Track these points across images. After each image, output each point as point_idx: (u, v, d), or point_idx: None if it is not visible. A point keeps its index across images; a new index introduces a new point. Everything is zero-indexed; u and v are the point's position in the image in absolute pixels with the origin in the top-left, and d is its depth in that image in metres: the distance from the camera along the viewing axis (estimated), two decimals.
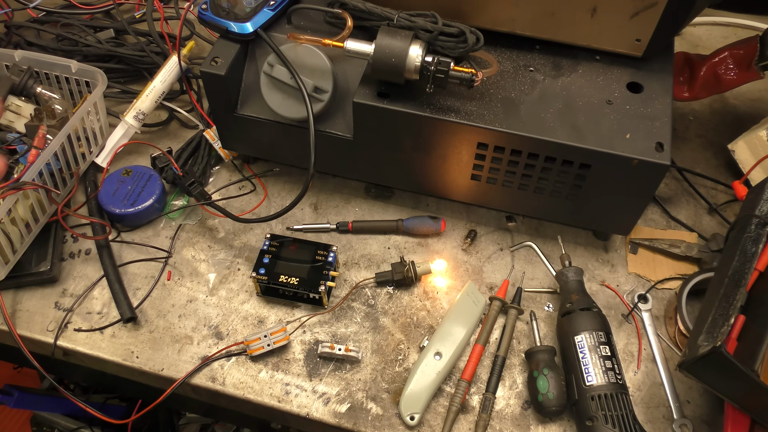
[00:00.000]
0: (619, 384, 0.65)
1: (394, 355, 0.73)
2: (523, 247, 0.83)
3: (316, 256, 0.77)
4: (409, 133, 0.73)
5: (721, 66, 0.83)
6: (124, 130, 0.88)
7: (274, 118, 0.76)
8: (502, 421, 0.69)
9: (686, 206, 0.87)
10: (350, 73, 0.74)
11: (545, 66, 0.74)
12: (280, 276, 0.75)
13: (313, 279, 0.75)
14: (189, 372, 0.71)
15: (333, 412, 0.69)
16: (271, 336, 0.72)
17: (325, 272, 0.75)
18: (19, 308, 0.77)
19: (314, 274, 0.75)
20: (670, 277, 0.79)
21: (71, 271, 0.80)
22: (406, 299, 0.78)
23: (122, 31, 1.04)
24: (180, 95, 0.99)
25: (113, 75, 1.00)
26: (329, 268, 0.76)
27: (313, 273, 0.75)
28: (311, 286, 0.74)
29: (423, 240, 0.83)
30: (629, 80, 0.72)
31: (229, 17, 0.73)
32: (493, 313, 0.75)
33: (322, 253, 0.77)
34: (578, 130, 0.68)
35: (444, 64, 0.65)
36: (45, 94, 0.87)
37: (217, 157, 0.91)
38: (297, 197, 0.73)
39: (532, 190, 0.74)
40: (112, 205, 0.82)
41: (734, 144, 0.86)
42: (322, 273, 0.75)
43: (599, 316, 0.70)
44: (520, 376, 0.72)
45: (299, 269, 0.75)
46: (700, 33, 1.12)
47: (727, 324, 0.58)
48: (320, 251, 0.77)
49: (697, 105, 0.99)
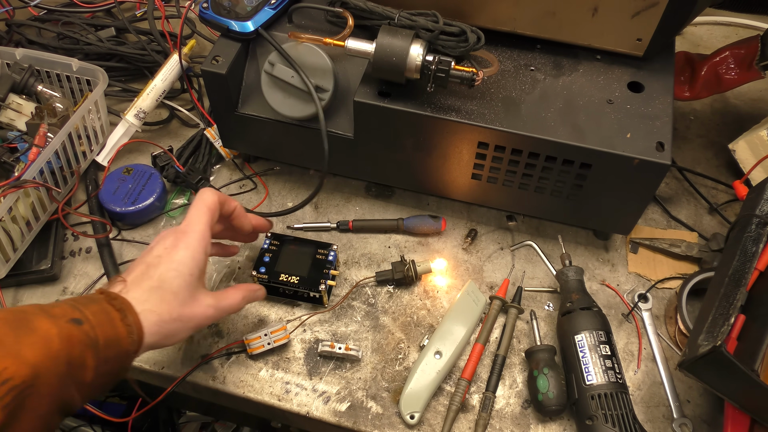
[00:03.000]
0: (619, 383, 0.65)
1: (394, 354, 0.73)
2: (524, 247, 0.83)
3: (317, 255, 0.77)
4: (410, 132, 0.73)
5: (722, 65, 0.83)
6: (125, 129, 0.88)
7: (274, 116, 0.76)
8: (502, 420, 0.69)
9: (687, 206, 0.87)
10: (351, 72, 0.74)
11: (546, 65, 0.74)
12: (280, 275, 0.74)
13: (314, 278, 0.74)
14: (189, 370, 0.71)
15: (333, 410, 0.69)
16: (272, 334, 0.72)
17: (326, 271, 0.75)
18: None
19: (314, 272, 0.75)
20: (670, 277, 0.80)
21: (72, 269, 0.80)
22: (407, 298, 0.78)
23: (123, 30, 1.04)
24: (181, 94, 0.99)
25: (114, 73, 1.00)
26: (329, 267, 0.76)
27: (314, 272, 0.75)
28: (311, 285, 0.74)
29: (423, 239, 0.83)
30: (630, 80, 0.72)
31: (230, 16, 0.73)
32: (494, 312, 0.75)
33: (322, 252, 0.77)
34: (579, 130, 0.68)
35: (445, 63, 0.65)
36: (46, 93, 0.87)
37: (218, 156, 0.91)
38: (311, 195, 0.73)
39: (532, 189, 0.74)
40: (112, 203, 0.82)
41: (735, 144, 0.86)
42: (323, 272, 0.75)
43: (599, 315, 0.70)
44: (520, 375, 0.72)
45: (300, 268, 0.75)
46: (701, 32, 1.12)
47: (727, 323, 0.58)
48: (321, 250, 0.77)
49: (698, 105, 0.99)
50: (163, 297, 0.58)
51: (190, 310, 0.60)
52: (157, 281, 0.58)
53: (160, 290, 0.58)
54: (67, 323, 0.51)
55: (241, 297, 0.66)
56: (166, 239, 0.62)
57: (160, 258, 0.60)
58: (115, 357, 0.53)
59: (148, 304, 0.57)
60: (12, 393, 0.45)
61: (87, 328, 0.52)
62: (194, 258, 0.61)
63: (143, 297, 0.57)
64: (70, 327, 0.51)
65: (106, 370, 0.53)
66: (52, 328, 0.49)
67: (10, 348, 0.47)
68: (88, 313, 0.53)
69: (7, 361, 0.45)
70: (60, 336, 0.49)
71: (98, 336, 0.52)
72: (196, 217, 0.63)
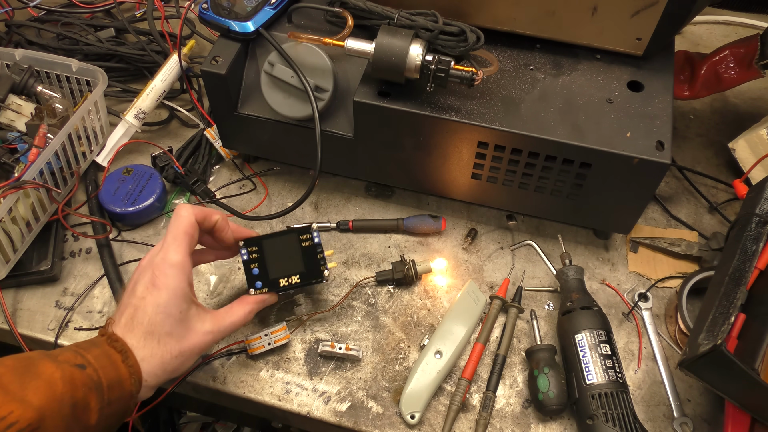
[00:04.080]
0: (620, 382, 0.65)
1: (394, 353, 0.73)
2: (524, 246, 0.83)
3: (302, 243, 0.71)
4: (410, 132, 0.73)
5: (721, 65, 0.83)
6: (125, 129, 0.88)
7: (274, 117, 0.76)
8: (502, 420, 0.69)
9: (687, 205, 0.87)
10: (351, 72, 0.74)
11: (546, 65, 0.74)
12: (279, 281, 0.69)
13: (312, 267, 0.71)
14: (189, 370, 0.71)
15: (333, 410, 0.69)
16: (272, 335, 0.72)
17: (319, 255, 0.71)
18: (19, 307, 0.77)
19: (309, 262, 0.71)
20: (670, 276, 0.80)
21: (72, 270, 0.80)
22: (407, 298, 0.78)
23: (123, 30, 1.04)
24: (180, 94, 0.99)
25: (114, 74, 1.00)
26: (320, 250, 0.71)
27: (308, 262, 0.71)
28: (314, 276, 0.71)
29: (423, 239, 0.83)
30: (630, 79, 0.72)
31: (230, 16, 0.73)
32: (494, 311, 0.75)
33: (305, 237, 0.71)
34: (579, 129, 0.68)
35: (444, 63, 0.65)
36: (45, 93, 0.87)
37: (218, 156, 0.91)
38: (305, 194, 0.73)
39: (532, 188, 0.74)
40: (112, 204, 0.82)
41: (735, 143, 0.86)
42: (317, 257, 0.71)
43: (600, 314, 0.70)
44: (520, 374, 0.72)
45: (293, 264, 0.70)
46: (700, 32, 1.12)
47: (728, 322, 0.58)
48: (303, 236, 0.71)
49: (697, 104, 0.99)
50: (159, 339, 0.59)
51: (189, 342, 0.61)
52: (148, 326, 0.59)
53: (155, 334, 0.59)
54: (70, 367, 0.53)
55: (248, 311, 0.67)
56: (145, 274, 0.61)
57: (145, 301, 0.59)
58: (118, 399, 0.55)
59: (148, 350, 0.58)
60: None
61: (90, 371, 0.54)
62: (176, 295, 0.60)
63: (140, 344, 0.58)
64: (73, 370, 0.53)
65: (110, 412, 0.54)
66: (56, 371, 0.51)
67: (16, 393, 0.49)
68: (91, 357, 0.55)
69: (12, 406, 0.48)
70: (63, 379, 0.51)
71: (101, 378, 0.54)
72: (173, 246, 0.61)
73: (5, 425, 0.46)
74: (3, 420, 0.46)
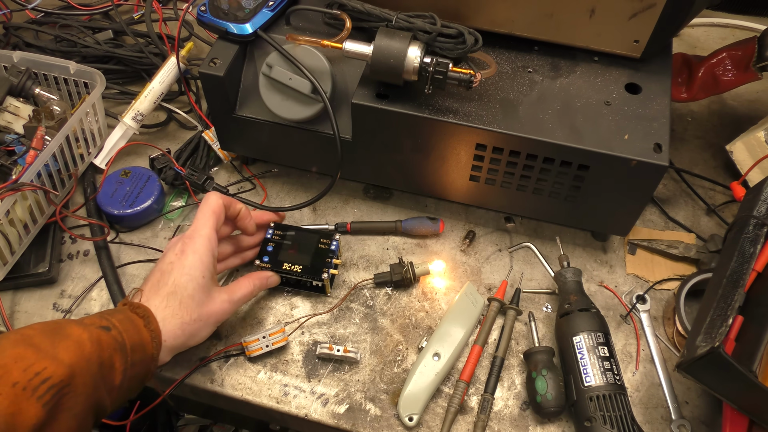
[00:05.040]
0: (618, 385, 0.65)
1: (392, 356, 0.73)
2: (522, 248, 0.83)
3: (319, 244, 0.76)
4: (408, 134, 0.73)
5: (719, 67, 0.84)
6: (123, 131, 0.88)
7: (272, 119, 0.76)
8: (500, 422, 0.69)
9: (684, 207, 0.87)
10: (349, 74, 0.74)
11: (544, 67, 0.74)
12: (283, 264, 0.75)
13: (316, 266, 0.74)
14: (187, 372, 0.71)
15: (332, 413, 0.69)
16: (270, 337, 0.72)
17: (328, 260, 0.75)
18: (17, 309, 0.77)
19: (317, 261, 0.75)
20: (668, 278, 0.80)
21: (70, 272, 0.80)
22: (405, 300, 0.78)
23: (121, 32, 1.04)
24: (178, 96, 0.99)
25: (112, 76, 1.00)
26: (332, 256, 0.75)
27: (316, 260, 0.75)
28: (314, 274, 0.74)
29: (422, 241, 0.83)
30: (627, 81, 0.72)
31: (228, 18, 0.73)
32: (492, 313, 0.75)
33: (324, 242, 0.77)
34: (576, 131, 0.68)
35: (442, 65, 0.65)
36: (43, 95, 0.87)
37: (216, 158, 0.91)
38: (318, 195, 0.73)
39: (530, 191, 0.74)
40: (110, 206, 0.82)
41: (732, 145, 0.86)
42: (325, 261, 0.75)
43: (598, 316, 0.70)
44: (518, 376, 0.72)
45: (302, 257, 0.75)
46: (698, 34, 1.12)
47: (725, 325, 0.58)
48: (323, 239, 0.77)
49: (695, 106, 0.99)
50: (181, 301, 0.63)
51: (208, 308, 0.65)
52: (172, 287, 0.64)
53: (178, 295, 0.63)
54: (96, 329, 0.56)
55: (253, 285, 0.71)
56: (176, 246, 0.67)
57: (173, 264, 0.65)
58: (140, 361, 0.59)
59: (169, 310, 0.63)
60: (51, 391, 0.49)
61: (115, 333, 0.58)
62: (203, 261, 0.65)
63: (162, 304, 0.63)
64: (99, 332, 0.56)
65: (133, 374, 0.58)
66: (84, 333, 0.55)
67: (48, 351, 0.52)
68: (115, 320, 0.59)
69: (46, 362, 0.51)
70: (91, 340, 0.55)
71: (125, 340, 0.58)
72: (202, 221, 0.68)
73: (40, 380, 0.49)
74: (38, 375, 0.49)
